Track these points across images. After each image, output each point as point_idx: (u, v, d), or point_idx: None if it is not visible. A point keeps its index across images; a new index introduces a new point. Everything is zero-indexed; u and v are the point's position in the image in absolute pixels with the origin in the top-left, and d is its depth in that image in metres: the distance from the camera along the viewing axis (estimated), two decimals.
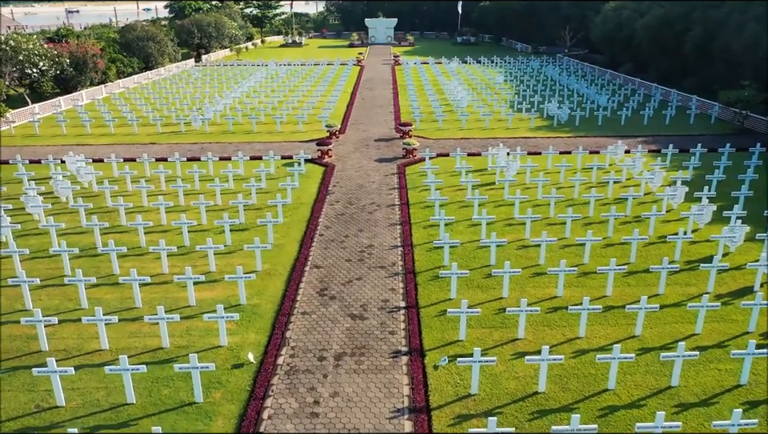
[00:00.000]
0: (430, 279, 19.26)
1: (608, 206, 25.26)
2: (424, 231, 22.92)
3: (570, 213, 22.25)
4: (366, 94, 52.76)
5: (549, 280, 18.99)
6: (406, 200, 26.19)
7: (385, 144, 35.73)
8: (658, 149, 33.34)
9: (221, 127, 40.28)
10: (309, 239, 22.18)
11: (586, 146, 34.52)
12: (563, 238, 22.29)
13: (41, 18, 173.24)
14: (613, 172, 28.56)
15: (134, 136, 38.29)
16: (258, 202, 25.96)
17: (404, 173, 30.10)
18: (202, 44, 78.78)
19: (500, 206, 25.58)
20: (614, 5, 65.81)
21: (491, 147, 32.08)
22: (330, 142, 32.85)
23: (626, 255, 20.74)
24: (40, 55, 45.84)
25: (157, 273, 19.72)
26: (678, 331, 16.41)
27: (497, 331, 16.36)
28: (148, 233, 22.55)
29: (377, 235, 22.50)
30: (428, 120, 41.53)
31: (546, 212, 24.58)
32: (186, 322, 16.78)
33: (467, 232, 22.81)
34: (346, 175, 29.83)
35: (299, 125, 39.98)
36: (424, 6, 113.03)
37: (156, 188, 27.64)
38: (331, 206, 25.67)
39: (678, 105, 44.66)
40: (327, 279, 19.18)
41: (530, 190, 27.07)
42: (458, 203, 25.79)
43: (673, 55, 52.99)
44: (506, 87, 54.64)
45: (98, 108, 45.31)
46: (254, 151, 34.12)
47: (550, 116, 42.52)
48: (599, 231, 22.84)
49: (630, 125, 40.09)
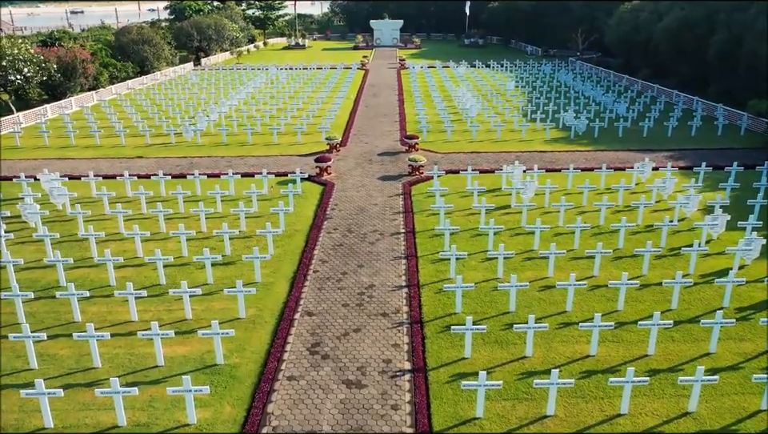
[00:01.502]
0: (440, 330, 16.52)
1: (639, 235, 22.51)
2: (432, 267, 20.17)
3: (600, 248, 19.42)
4: (370, 102, 50.04)
5: (579, 335, 16.19)
6: (411, 227, 23.45)
7: (389, 159, 33.00)
8: (689, 165, 30.49)
9: (214, 139, 37.65)
10: (301, 276, 19.47)
11: (607, 161, 31.69)
12: (591, 276, 19.51)
13: (43, 18, 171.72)
14: (643, 196, 25.62)
15: (120, 149, 35.71)
16: (247, 229, 23.29)
17: (410, 193, 27.37)
18: (202, 47, 76.29)
19: (518, 234, 22.80)
20: (630, 6, 62.91)
21: (506, 165, 29.29)
22: (329, 158, 30.15)
23: (666, 299, 17.94)
24: (25, 61, 43.33)
25: (124, 320, 17.08)
26: (739, 404, 13.61)
27: (521, 405, 13.60)
28: (120, 268, 19.90)
29: (379, 272, 19.77)
30: (435, 131, 38.79)
31: (570, 243, 21.79)
32: (150, 389, 14.11)
33: (481, 268, 20.05)
34: (346, 196, 27.12)
35: (298, 136, 37.31)
36: (431, 6, 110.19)
37: (135, 211, 25.00)
38: (329, 234, 22.95)
39: (702, 114, 41.67)
40: (320, 331, 16.47)
41: (550, 216, 24.28)
42: (471, 231, 23.03)
43: (694, 61, 50.03)
44: (518, 94, 51.80)
45: (85, 116, 42.77)
46: (248, 167, 31.46)
47: (566, 126, 39.70)
48: (632, 266, 20.05)
49: (654, 137, 37.22)
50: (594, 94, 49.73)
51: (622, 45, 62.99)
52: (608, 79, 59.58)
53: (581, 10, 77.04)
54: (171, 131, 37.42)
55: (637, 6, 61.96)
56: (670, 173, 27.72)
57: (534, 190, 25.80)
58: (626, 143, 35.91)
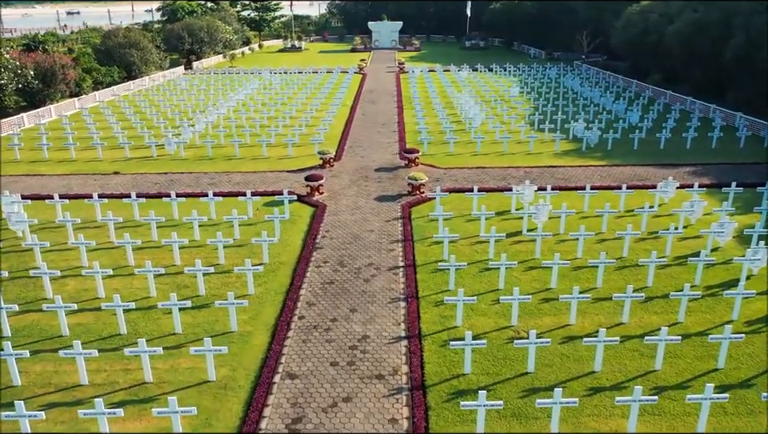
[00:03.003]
0: (447, 398, 13.87)
1: (670, 269, 19.88)
2: (435, 312, 17.51)
3: (630, 292, 16.75)
4: (368, 109, 47.35)
5: (614, 411, 13.50)
6: (412, 259, 20.78)
7: (387, 176, 30.32)
8: (714, 183, 27.90)
9: (198, 152, 34.96)
10: (284, 324, 16.80)
11: (624, 177, 29.14)
12: (620, 323, 16.86)
13: (37, 20, 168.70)
14: (672, 225, 22.84)
15: (96, 163, 33.02)
16: (226, 263, 20.62)
17: (409, 217, 24.71)
18: (193, 50, 73.54)
19: (532, 268, 20.14)
20: (638, 8, 60.26)
21: (515, 184, 26.66)
22: (320, 177, 27.47)
23: (711, 355, 15.28)
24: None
25: (71, 384, 14.40)
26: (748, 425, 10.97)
27: None
28: (72, 314, 17.22)
29: (374, 319, 17.10)
30: (437, 142, 36.12)
31: (592, 279, 19.16)
32: None
33: (492, 314, 17.39)
34: (339, 221, 24.45)
35: (289, 149, 34.60)
36: (431, 7, 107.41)
37: (102, 241, 22.31)
38: (318, 268, 20.27)
39: (721, 124, 39.01)
40: (303, 400, 13.79)
41: (567, 245, 21.64)
42: (479, 264, 20.38)
43: (709, 66, 47.41)
44: (523, 101, 49.11)
45: (63, 126, 40.05)
46: (232, 185, 28.81)
47: (576, 138, 37.06)
48: (665, 310, 17.43)
49: (671, 149, 34.58)
50: (605, 102, 47.04)
51: (630, 48, 60.32)
52: (617, 84, 56.93)
53: (586, 11, 74.42)
54: (152, 144, 34.71)
55: (646, 7, 59.33)
56: (696, 194, 25.08)
57: (547, 214, 23.14)
58: (642, 156, 33.25)
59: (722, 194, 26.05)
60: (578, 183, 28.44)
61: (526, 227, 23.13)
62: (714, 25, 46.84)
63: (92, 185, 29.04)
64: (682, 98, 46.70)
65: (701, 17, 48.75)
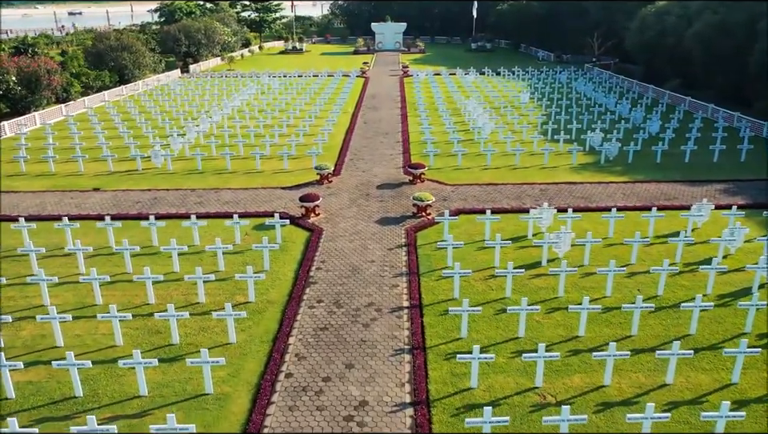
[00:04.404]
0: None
1: (715, 312, 17.27)
2: (446, 368, 14.97)
3: (676, 349, 14.17)
4: (370, 117, 44.80)
5: None
6: (417, 298, 18.24)
7: (390, 193, 27.78)
8: (751, 203, 25.30)
9: (187, 165, 32.47)
10: (268, 384, 14.28)
11: (649, 196, 26.68)
12: (664, 385, 14.28)
13: (37, 20, 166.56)
14: (714, 259, 20.20)
15: (76, 178, 30.60)
16: (207, 301, 18.16)
17: (415, 244, 22.16)
18: (190, 52, 71.12)
19: (555, 310, 17.59)
20: (654, 9, 57.54)
21: (532, 207, 24.13)
22: (316, 196, 24.93)
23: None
24: None
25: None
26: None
27: None
28: (22, 372, 14.71)
29: (374, 378, 14.57)
30: (444, 154, 33.54)
31: (626, 326, 16.61)
32: None
33: (513, 371, 14.84)
34: (336, 248, 21.91)
35: (284, 161, 32.08)
36: (435, 8, 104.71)
37: (67, 275, 19.82)
38: (311, 309, 17.74)
39: (749, 134, 36.34)
40: None
41: (593, 280, 19.08)
42: (493, 305, 17.85)
43: (732, 71, 44.75)
44: (534, 108, 46.52)
45: (45, 135, 37.62)
46: (221, 204, 26.33)
47: (593, 149, 34.48)
48: (716, 365, 14.85)
49: (698, 163, 31.93)
50: (621, 110, 44.38)
51: (645, 51, 57.59)
52: (632, 90, 54.16)
53: (597, 12, 71.78)
54: (138, 156, 32.23)
55: (662, 8, 56.63)
56: (735, 219, 22.50)
57: (569, 242, 20.59)
58: (667, 171, 30.62)
59: (761, 218, 23.46)
60: (600, 204, 25.91)
61: (546, 257, 20.56)
62: (737, 27, 44.19)
63: (67, 204, 26.60)
64: (704, 105, 44.00)
65: (723, 18, 46.08)
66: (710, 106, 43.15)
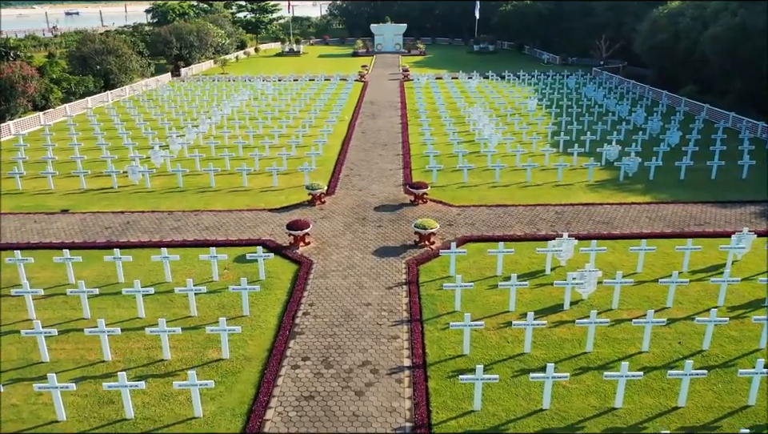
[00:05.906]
0: None
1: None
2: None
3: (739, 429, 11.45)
4: (368, 126, 42.00)
5: None
6: (421, 355, 15.47)
7: (389, 216, 25.01)
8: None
9: (167, 182, 29.70)
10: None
11: (676, 220, 24.06)
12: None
13: (32, 21, 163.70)
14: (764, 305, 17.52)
15: (45, 197, 27.86)
16: (172, 359, 15.40)
17: (417, 282, 19.39)
18: (182, 55, 68.33)
19: (583, 370, 14.84)
20: (666, 10, 54.72)
21: (548, 237, 21.39)
22: (306, 224, 22.14)
23: None
24: None
25: None
26: None
27: None
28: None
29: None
30: (448, 170, 30.79)
31: (672, 396, 13.84)
32: None
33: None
34: (327, 287, 19.14)
35: (274, 178, 29.32)
36: (436, 8, 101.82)
37: (13, 319, 17.05)
38: (294, 370, 14.98)
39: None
40: None
41: (626, 331, 16.34)
42: (510, 364, 15.11)
43: (753, 77, 41.99)
44: (543, 116, 43.76)
45: (15, 148, 34.83)
46: (199, 231, 23.58)
47: (610, 163, 31.74)
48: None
49: (725, 180, 29.17)
50: (636, 118, 41.63)
51: (657, 54, 54.78)
52: (645, 96, 51.34)
53: (605, 13, 69.04)
54: (113, 172, 29.47)
55: (675, 9, 53.79)
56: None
57: (595, 282, 17.86)
58: (693, 190, 27.88)
59: None
60: (624, 229, 23.20)
61: (568, 299, 17.80)
62: (758, 31, 41.42)
63: (29, 230, 23.84)
64: (724, 113, 41.19)
65: (742, 21, 43.30)
66: (730, 115, 40.37)
